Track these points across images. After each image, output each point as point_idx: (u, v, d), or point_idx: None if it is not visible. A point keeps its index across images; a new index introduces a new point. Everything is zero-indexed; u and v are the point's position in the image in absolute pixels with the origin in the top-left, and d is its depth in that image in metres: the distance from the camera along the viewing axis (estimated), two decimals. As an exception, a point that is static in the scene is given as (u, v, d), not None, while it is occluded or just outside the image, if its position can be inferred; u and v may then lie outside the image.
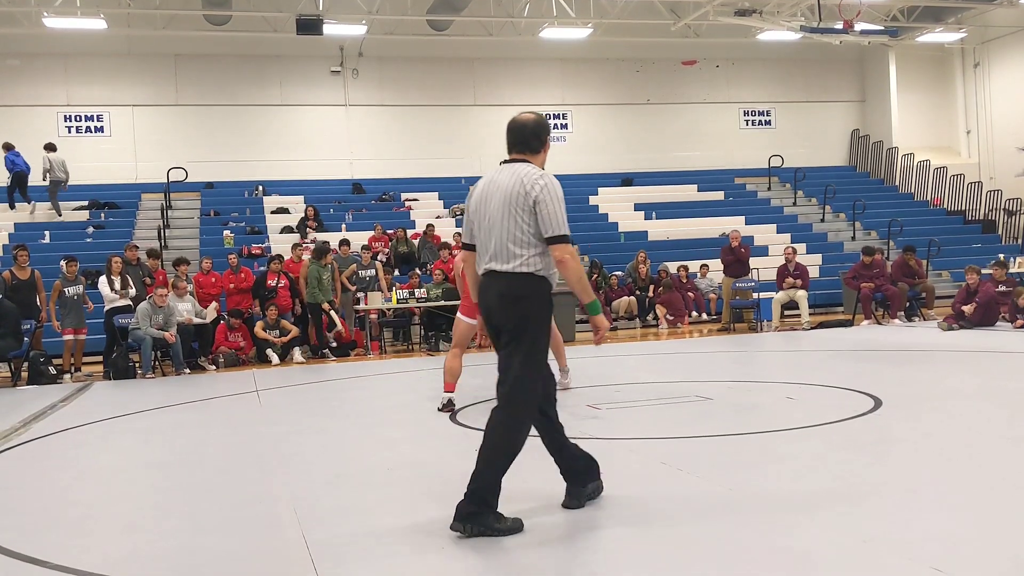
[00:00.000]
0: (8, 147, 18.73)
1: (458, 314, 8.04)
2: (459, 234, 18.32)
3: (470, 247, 4.37)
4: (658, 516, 4.21)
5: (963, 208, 23.77)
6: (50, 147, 18.86)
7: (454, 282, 8.29)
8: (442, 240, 18.18)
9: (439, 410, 7.65)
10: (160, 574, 3.80)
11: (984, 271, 14.55)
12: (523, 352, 4.11)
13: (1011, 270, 15.59)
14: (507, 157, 4.30)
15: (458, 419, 7.21)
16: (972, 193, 23.72)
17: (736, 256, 16.16)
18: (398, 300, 14.60)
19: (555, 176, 4.22)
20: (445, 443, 6.42)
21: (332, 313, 13.85)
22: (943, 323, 13.80)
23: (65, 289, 12.81)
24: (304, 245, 17.10)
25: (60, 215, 19.15)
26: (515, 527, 4.00)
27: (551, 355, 5.10)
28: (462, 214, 20.91)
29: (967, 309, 13.52)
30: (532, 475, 4.65)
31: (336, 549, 3.93)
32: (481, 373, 8.24)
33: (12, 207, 19.12)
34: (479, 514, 3.95)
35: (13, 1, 18.46)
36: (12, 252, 12.85)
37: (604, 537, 3.95)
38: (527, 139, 4.28)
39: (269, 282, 14.35)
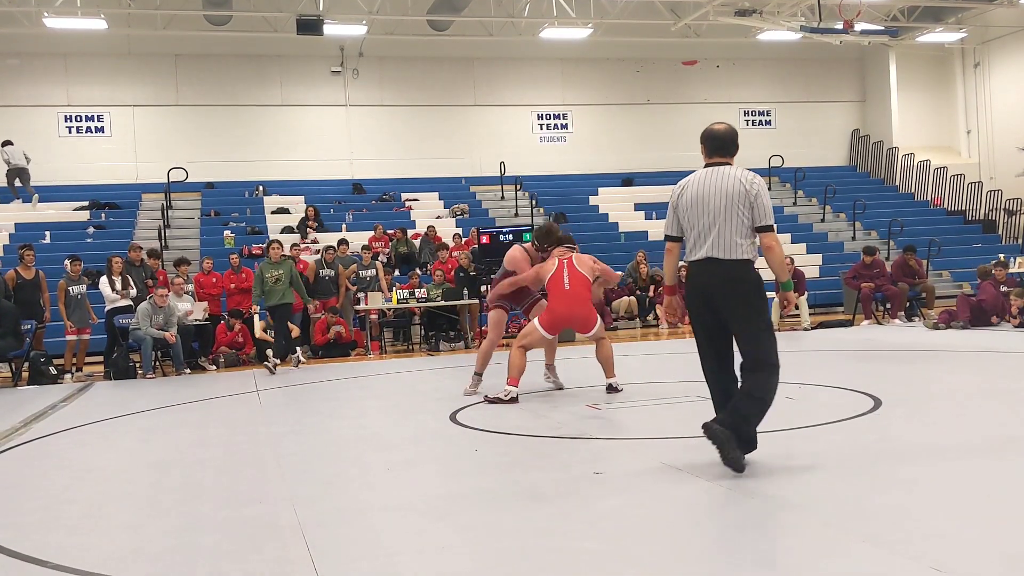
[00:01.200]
0: (7, 143, 18.94)
1: (538, 324, 8.11)
2: (458, 235, 18.43)
3: (676, 239, 5.11)
4: (656, 516, 4.22)
5: (963, 208, 23.77)
6: (6, 143, 18.94)
7: (511, 286, 8.32)
8: (442, 240, 18.18)
9: (500, 401, 7.77)
10: (160, 573, 3.80)
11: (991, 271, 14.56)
12: (757, 323, 4.91)
13: (1011, 270, 15.59)
14: (709, 161, 5.02)
15: (458, 419, 7.21)
16: (972, 193, 23.73)
17: None
18: (398, 300, 14.61)
19: (554, 176, 4.33)
20: (445, 443, 6.42)
21: (256, 319, 12.49)
22: (929, 322, 13.85)
23: (69, 288, 12.84)
24: (304, 245, 17.13)
25: (34, 205, 19.17)
26: (740, 466, 4.74)
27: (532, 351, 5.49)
28: (462, 214, 21.14)
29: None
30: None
31: (336, 549, 3.93)
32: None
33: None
34: (729, 442, 4.71)
35: (13, 1, 18.47)
36: (19, 252, 12.88)
37: (594, 535, 3.95)
38: (727, 145, 5.06)
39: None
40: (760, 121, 25.80)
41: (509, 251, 8.84)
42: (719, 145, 5.05)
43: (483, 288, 15.06)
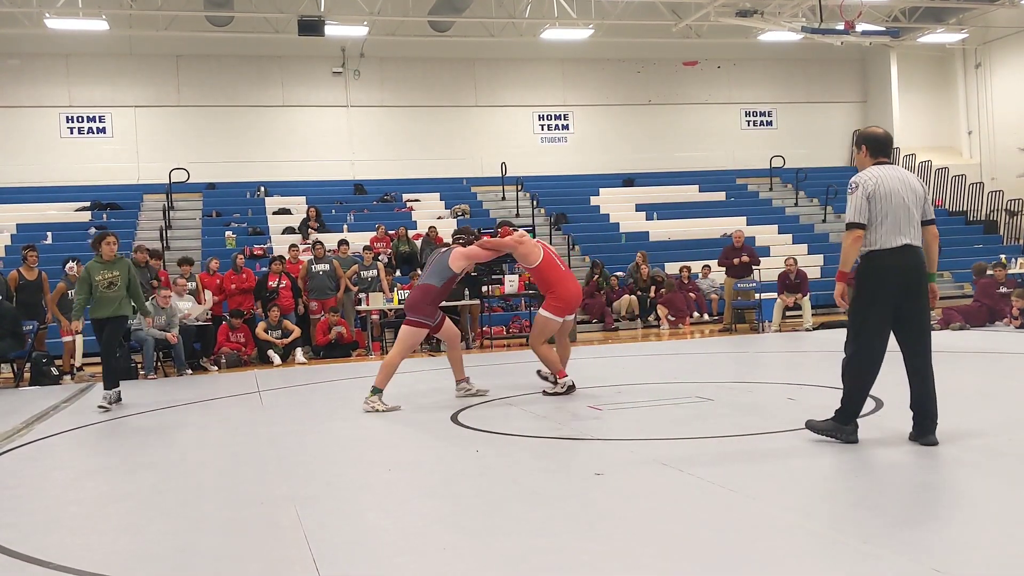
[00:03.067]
0: None
1: (550, 314, 8.07)
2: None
3: (862, 226, 5.41)
4: (657, 517, 4.22)
5: (965, 209, 23.76)
6: None
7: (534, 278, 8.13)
8: (444, 241, 18.18)
9: (559, 394, 7.96)
10: (162, 574, 3.81)
11: (988, 271, 14.57)
12: (927, 307, 5.48)
13: (1011, 271, 15.59)
14: (881, 159, 5.63)
15: (459, 420, 7.21)
16: (974, 194, 23.72)
17: (740, 258, 16.04)
18: (399, 300, 14.60)
19: (556, 177, 4.38)
20: (445, 443, 6.42)
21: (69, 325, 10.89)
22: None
23: (68, 292, 12.83)
24: (305, 245, 17.14)
25: None
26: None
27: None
28: (463, 215, 21.14)
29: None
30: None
31: (338, 550, 3.94)
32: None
33: None
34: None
35: (15, 2, 18.49)
36: (22, 252, 12.88)
37: (595, 536, 3.96)
38: (890, 149, 5.76)
39: (270, 283, 14.36)
40: (761, 122, 25.80)
41: (463, 250, 8.13)
42: (887, 148, 5.72)
43: (484, 288, 15.09)
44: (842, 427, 5.46)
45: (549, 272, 8.23)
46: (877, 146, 5.66)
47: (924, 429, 5.37)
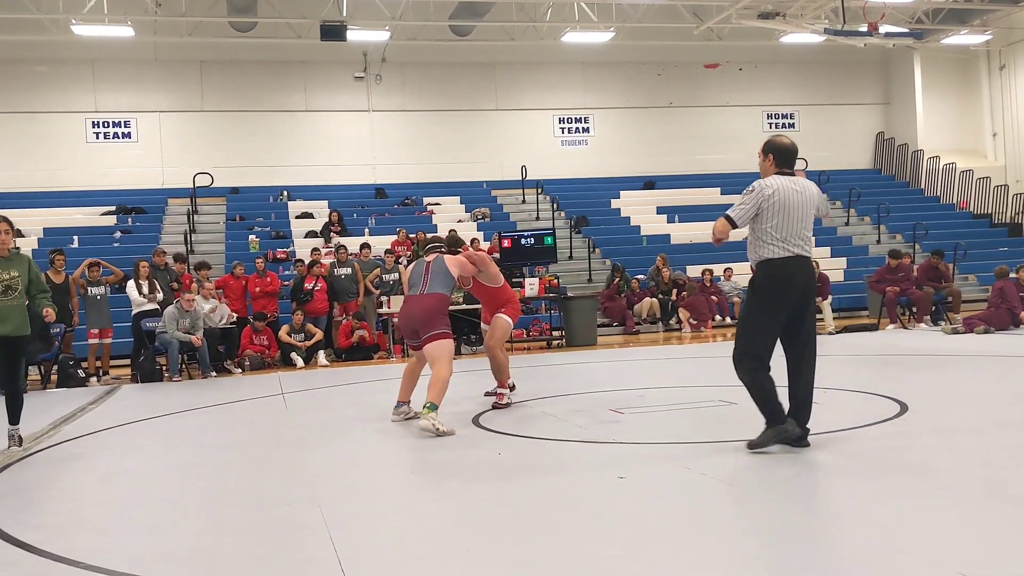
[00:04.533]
0: None
1: (510, 318, 8.21)
2: (476, 240, 18.42)
3: (734, 225, 5.45)
4: (678, 522, 4.22)
5: (989, 211, 23.53)
6: None
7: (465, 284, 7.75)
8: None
9: (510, 404, 7.94)
10: (187, 574, 3.85)
11: (1011, 275, 14.41)
12: (814, 317, 5.66)
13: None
14: (784, 170, 5.56)
15: (480, 423, 7.23)
16: (999, 196, 23.48)
17: None
18: (421, 304, 14.64)
19: (576, 180, 4.42)
20: (467, 446, 6.44)
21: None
22: (947, 327, 13.76)
23: (89, 289, 13.01)
24: (327, 249, 17.24)
25: None
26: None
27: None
28: (483, 218, 21.18)
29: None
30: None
31: (362, 551, 3.97)
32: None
33: None
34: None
35: (42, 8, 18.73)
36: (49, 256, 13.05)
37: (617, 540, 3.96)
38: (795, 160, 5.67)
39: (306, 285, 14.50)
40: (783, 124, 25.66)
41: (454, 258, 7.76)
42: (793, 158, 5.66)
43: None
44: (777, 427, 5.42)
45: (508, 287, 8.40)
46: (784, 157, 5.63)
47: (801, 420, 5.49)
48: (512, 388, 8.32)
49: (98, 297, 13.12)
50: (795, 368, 5.58)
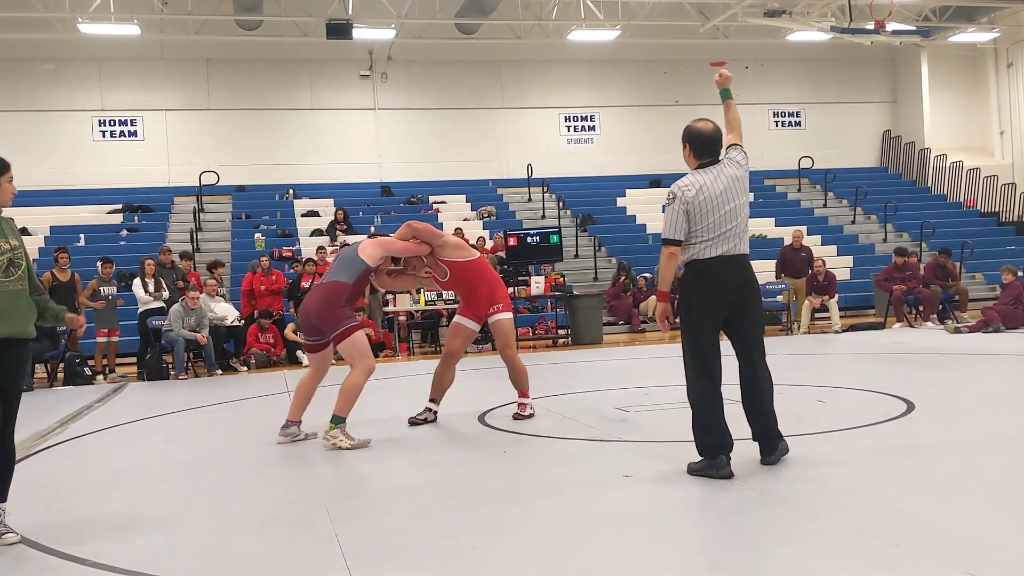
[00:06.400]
0: None
1: (508, 314, 7.18)
2: (482, 238, 18.45)
3: (677, 243, 5.00)
4: (684, 520, 4.22)
5: (997, 210, 23.46)
6: None
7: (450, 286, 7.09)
8: (470, 242, 18.22)
9: (524, 416, 7.17)
10: (196, 572, 3.86)
11: (1019, 273, 14.40)
12: (761, 319, 5.24)
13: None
14: (705, 160, 5.23)
15: (486, 421, 7.24)
16: (1006, 195, 23.41)
17: (799, 256, 15.82)
18: (426, 302, 14.67)
19: (582, 178, 4.37)
20: (473, 444, 6.45)
21: None
22: (950, 326, 13.74)
23: (100, 288, 13.05)
24: (333, 247, 17.25)
25: None
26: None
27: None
28: (489, 217, 21.19)
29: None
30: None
31: (369, 549, 3.97)
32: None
33: None
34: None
35: (48, 7, 18.77)
36: (53, 254, 13.11)
37: (624, 538, 3.96)
38: (718, 147, 5.29)
39: (303, 284, 14.50)
40: (790, 122, 25.62)
41: (376, 239, 7.04)
42: (718, 146, 5.30)
43: (509, 290, 15.09)
44: (711, 462, 4.88)
45: (486, 269, 7.17)
46: (702, 145, 5.22)
47: (766, 450, 5.07)
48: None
49: (109, 297, 13.15)
50: (750, 379, 5.12)
